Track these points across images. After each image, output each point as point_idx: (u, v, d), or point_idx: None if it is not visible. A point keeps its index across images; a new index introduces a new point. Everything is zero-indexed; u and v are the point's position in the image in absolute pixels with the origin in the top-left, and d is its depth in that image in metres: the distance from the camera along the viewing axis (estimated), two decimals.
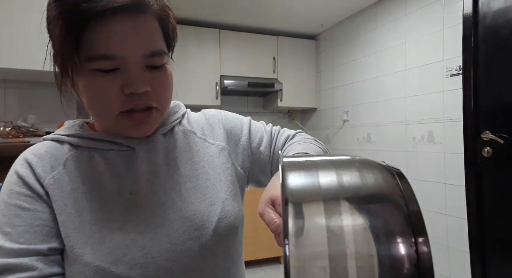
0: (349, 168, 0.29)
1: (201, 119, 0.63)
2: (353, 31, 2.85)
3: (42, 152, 0.51)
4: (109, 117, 0.47)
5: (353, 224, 0.24)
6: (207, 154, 0.57)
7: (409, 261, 0.23)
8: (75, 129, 0.54)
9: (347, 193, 0.26)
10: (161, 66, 0.48)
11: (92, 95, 0.46)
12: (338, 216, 0.24)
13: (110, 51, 0.43)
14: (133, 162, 0.52)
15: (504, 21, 1.69)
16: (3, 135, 1.49)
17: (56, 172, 0.49)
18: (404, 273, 0.22)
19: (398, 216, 0.25)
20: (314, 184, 0.27)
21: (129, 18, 0.43)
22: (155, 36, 0.47)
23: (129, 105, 0.46)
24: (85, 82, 0.45)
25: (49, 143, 0.53)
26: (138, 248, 0.46)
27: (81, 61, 0.44)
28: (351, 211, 0.24)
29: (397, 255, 0.23)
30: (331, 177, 0.27)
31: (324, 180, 0.27)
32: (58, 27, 0.43)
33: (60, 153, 0.51)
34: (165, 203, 0.51)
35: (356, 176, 0.27)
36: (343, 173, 0.28)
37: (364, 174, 0.28)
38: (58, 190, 0.48)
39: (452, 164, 1.98)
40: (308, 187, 0.27)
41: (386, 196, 0.26)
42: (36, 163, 0.49)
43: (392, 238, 0.23)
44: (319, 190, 0.26)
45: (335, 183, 0.27)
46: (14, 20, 1.43)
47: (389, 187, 0.27)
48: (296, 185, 0.27)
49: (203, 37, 2.92)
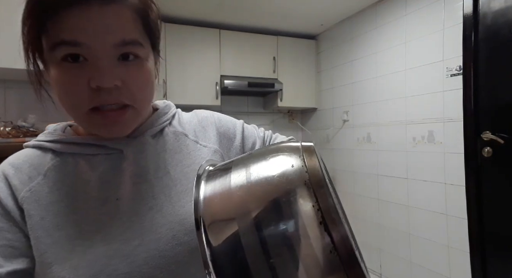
0: (259, 163, 0.28)
1: (193, 120, 0.60)
2: (353, 31, 2.85)
3: (21, 162, 0.48)
4: (80, 114, 0.44)
5: (267, 230, 0.24)
6: (198, 156, 0.55)
7: (325, 243, 0.22)
8: (57, 134, 0.51)
9: (256, 193, 0.26)
10: (136, 59, 0.45)
11: (60, 90, 0.43)
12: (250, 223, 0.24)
13: (73, 37, 0.40)
14: (120, 164, 0.49)
15: (504, 21, 1.69)
16: (3, 135, 1.49)
17: (35, 183, 0.46)
18: (325, 257, 0.22)
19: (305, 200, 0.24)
20: (224, 193, 0.27)
21: (98, 6, 0.41)
22: (128, 25, 0.43)
23: (97, 101, 0.43)
24: (54, 75, 0.43)
25: (30, 151, 0.50)
26: (122, 257, 0.44)
27: (47, 51, 0.42)
28: (263, 213, 0.24)
29: (312, 242, 0.23)
30: (240, 180, 0.27)
31: (234, 185, 0.27)
32: (23, 16, 0.42)
33: (42, 161, 0.48)
34: (154, 207, 0.48)
35: (264, 171, 0.27)
36: (252, 171, 0.28)
37: (272, 167, 0.27)
38: (35, 203, 0.45)
39: (452, 164, 1.98)
40: (219, 196, 0.27)
41: (293, 185, 0.26)
42: (12, 175, 0.46)
43: (303, 225, 0.23)
44: (229, 198, 0.26)
45: (243, 185, 0.27)
46: (14, 20, 1.43)
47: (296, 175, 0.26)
48: (207, 198, 0.27)
49: (203, 37, 2.92)
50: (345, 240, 0.22)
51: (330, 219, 0.23)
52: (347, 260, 0.22)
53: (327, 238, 0.22)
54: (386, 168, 2.49)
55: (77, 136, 0.50)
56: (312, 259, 0.22)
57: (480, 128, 1.79)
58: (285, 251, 0.23)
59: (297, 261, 0.23)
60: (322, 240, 0.22)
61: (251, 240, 0.24)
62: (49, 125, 0.54)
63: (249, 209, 0.25)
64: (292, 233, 0.23)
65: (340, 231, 0.22)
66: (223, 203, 0.26)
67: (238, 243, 0.24)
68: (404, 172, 2.33)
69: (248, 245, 0.24)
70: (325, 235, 0.22)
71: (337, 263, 0.22)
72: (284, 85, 3.14)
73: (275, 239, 0.23)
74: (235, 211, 0.25)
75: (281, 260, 0.23)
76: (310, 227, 0.23)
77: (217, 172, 0.30)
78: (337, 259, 0.22)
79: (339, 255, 0.22)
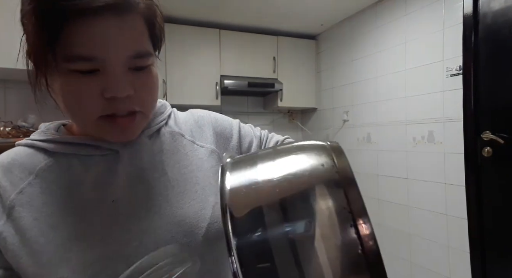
0: (287, 158, 0.28)
1: (189, 120, 0.60)
2: (353, 31, 2.85)
3: (10, 161, 0.47)
4: (88, 121, 0.44)
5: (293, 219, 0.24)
6: (195, 156, 0.55)
7: (353, 245, 0.23)
8: (50, 133, 0.50)
9: (284, 187, 0.26)
10: (146, 67, 0.45)
11: (69, 98, 0.42)
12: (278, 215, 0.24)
13: (89, 53, 0.40)
14: (116, 166, 0.48)
15: (504, 21, 1.69)
16: (3, 135, 1.49)
17: (25, 184, 0.45)
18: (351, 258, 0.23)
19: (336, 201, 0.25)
20: (251, 185, 0.27)
21: (113, 18, 0.40)
22: (140, 36, 0.44)
23: (110, 110, 0.43)
24: (61, 83, 0.42)
25: (22, 149, 0.49)
26: (122, 258, 0.43)
27: (57, 60, 0.40)
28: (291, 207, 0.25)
29: (340, 242, 0.23)
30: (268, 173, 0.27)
31: (262, 178, 0.27)
32: (31, 24, 0.40)
33: (33, 161, 0.47)
34: (151, 209, 0.47)
35: (293, 167, 0.27)
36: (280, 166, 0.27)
37: (301, 163, 0.27)
38: (27, 205, 0.43)
39: (452, 164, 1.98)
40: (245, 189, 0.27)
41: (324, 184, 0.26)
42: (1, 176, 0.45)
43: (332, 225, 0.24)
44: (256, 189, 0.26)
45: (272, 178, 0.26)
46: (14, 20, 1.43)
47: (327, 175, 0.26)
48: (234, 188, 0.27)
49: (203, 37, 2.92)
50: (373, 245, 0.23)
51: (360, 223, 0.23)
52: (373, 264, 0.22)
53: (356, 240, 0.23)
54: (386, 168, 2.49)
55: (71, 136, 0.49)
56: (339, 259, 0.23)
57: (480, 128, 1.79)
58: (311, 247, 0.23)
59: (324, 258, 0.23)
60: (351, 242, 0.23)
61: (277, 232, 0.24)
62: (42, 124, 0.53)
63: (277, 203, 0.25)
64: (321, 232, 0.23)
65: (369, 234, 0.23)
66: (250, 194, 0.26)
67: (264, 234, 0.24)
68: (404, 172, 2.33)
69: (274, 238, 0.24)
70: (355, 237, 0.23)
71: (363, 265, 0.22)
72: (284, 85, 3.14)
73: (302, 235, 0.24)
74: (263, 202, 0.25)
75: (307, 255, 0.23)
76: (339, 228, 0.23)
77: (241, 164, 0.30)
78: (363, 261, 0.22)
79: (366, 258, 0.22)
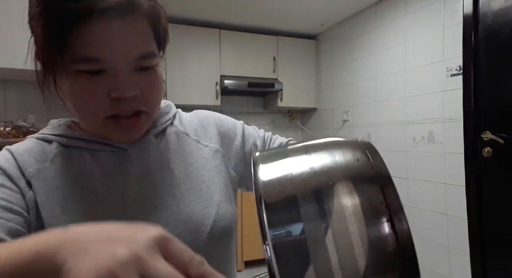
0: (320, 152, 0.28)
1: (193, 120, 0.61)
2: (353, 31, 2.85)
3: (28, 147, 0.48)
4: (95, 121, 0.45)
5: (328, 210, 0.24)
6: (200, 155, 0.56)
7: (389, 241, 0.23)
8: (62, 129, 0.51)
9: (320, 179, 0.26)
10: (151, 68, 0.46)
11: (77, 98, 0.44)
12: (313, 206, 0.24)
13: (95, 54, 0.41)
14: (125, 163, 0.50)
15: (504, 21, 1.69)
16: (3, 135, 1.49)
17: (41, 166, 0.46)
18: (386, 253, 0.23)
19: (372, 195, 0.24)
20: (285, 176, 0.26)
21: (117, 19, 0.41)
22: (145, 37, 0.45)
23: (115, 110, 0.44)
24: (69, 84, 0.43)
25: (35, 141, 0.50)
26: None
27: (64, 62, 0.41)
28: (326, 198, 0.25)
29: (376, 237, 0.23)
30: (302, 165, 0.27)
31: (296, 169, 0.27)
32: (40, 27, 0.41)
33: (46, 150, 0.48)
34: (159, 206, 0.49)
35: (328, 162, 0.27)
36: (314, 159, 0.27)
37: (336, 159, 0.27)
38: (42, 182, 0.45)
39: (452, 164, 1.98)
40: (279, 180, 0.26)
41: (359, 179, 0.26)
42: (20, 155, 0.46)
43: (368, 219, 0.23)
44: (291, 180, 0.26)
45: (306, 170, 0.26)
46: (14, 20, 1.43)
47: (362, 169, 0.26)
48: (267, 180, 0.27)
49: (203, 37, 2.92)
50: (409, 242, 0.22)
51: (397, 218, 0.23)
52: (408, 264, 0.22)
53: (392, 236, 0.23)
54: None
55: (82, 133, 0.51)
56: (372, 253, 0.23)
57: (480, 128, 1.79)
58: (345, 239, 0.23)
59: (359, 251, 0.23)
60: (387, 238, 0.23)
61: (312, 222, 0.24)
62: (52, 120, 0.55)
63: (311, 194, 0.25)
64: (356, 224, 0.23)
65: (405, 231, 0.23)
66: (284, 185, 0.26)
67: (298, 224, 0.24)
68: (404, 172, 2.33)
69: (309, 229, 0.24)
70: (392, 234, 0.23)
71: (397, 261, 0.22)
72: (284, 85, 3.14)
73: (336, 226, 0.23)
74: (297, 192, 0.25)
75: (341, 246, 0.23)
76: (375, 222, 0.23)
77: (273, 157, 0.30)
78: (398, 261, 0.22)
79: (401, 257, 0.22)
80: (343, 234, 0.23)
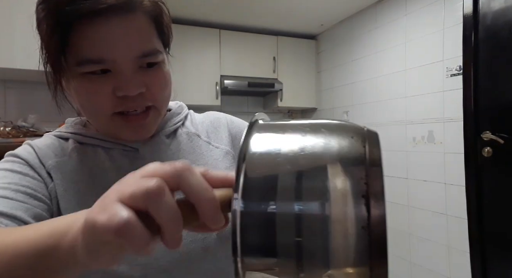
0: (318, 129, 0.28)
1: (205, 121, 0.62)
2: (353, 31, 2.85)
3: (47, 142, 0.50)
4: (103, 119, 0.46)
5: (305, 179, 0.23)
6: (211, 157, 0.56)
7: (359, 222, 0.22)
8: (78, 127, 0.53)
9: (305, 150, 0.25)
10: (155, 65, 0.46)
11: (84, 98, 0.45)
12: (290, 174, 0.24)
13: (97, 55, 0.42)
14: (137, 162, 0.50)
15: (504, 21, 1.69)
16: (3, 135, 1.49)
17: (60, 159, 0.48)
18: (354, 233, 0.22)
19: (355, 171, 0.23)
20: (275, 145, 0.26)
21: (117, 19, 0.41)
22: (147, 35, 0.45)
23: (122, 107, 0.45)
24: (76, 85, 0.44)
25: (53, 137, 0.52)
26: None
27: (70, 65, 0.43)
28: (306, 166, 0.24)
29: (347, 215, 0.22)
30: (294, 138, 0.26)
31: (287, 141, 0.26)
32: (43, 31, 0.42)
33: (64, 146, 0.50)
34: None
35: (321, 135, 0.26)
36: (309, 133, 0.27)
37: (331, 133, 0.27)
38: (61, 174, 0.46)
39: (452, 164, 1.98)
40: (268, 147, 0.26)
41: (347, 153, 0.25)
42: (39, 149, 0.48)
43: (344, 196, 0.23)
44: (278, 150, 0.26)
45: (296, 143, 0.26)
46: (14, 20, 1.43)
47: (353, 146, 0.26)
48: (257, 144, 0.26)
49: (203, 37, 2.92)
50: (381, 220, 0.21)
51: (373, 196, 0.22)
52: (376, 241, 0.21)
53: (364, 212, 0.22)
54: (386, 168, 2.49)
55: (96, 132, 0.52)
56: (342, 231, 0.22)
57: (480, 128, 1.79)
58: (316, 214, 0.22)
59: (327, 230, 0.22)
60: (358, 213, 0.22)
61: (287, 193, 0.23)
62: (68, 119, 0.56)
63: (293, 167, 0.24)
64: (331, 201, 0.22)
65: (380, 210, 0.22)
66: (270, 156, 0.26)
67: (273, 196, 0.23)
68: (404, 172, 2.33)
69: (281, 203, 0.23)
70: (363, 208, 0.22)
71: (365, 240, 0.21)
72: (284, 85, 3.14)
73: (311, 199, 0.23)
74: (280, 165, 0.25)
75: (310, 222, 0.22)
76: (350, 198, 0.22)
77: (269, 128, 0.30)
78: (366, 236, 0.21)
79: (369, 234, 0.21)
80: (313, 206, 0.23)
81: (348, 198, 0.22)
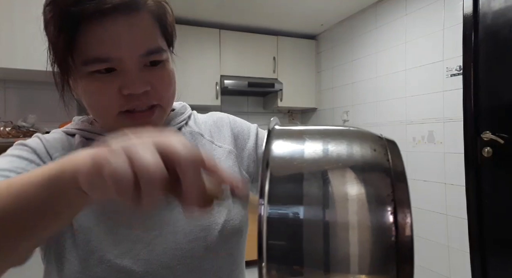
0: (338, 138, 0.28)
1: (208, 121, 0.63)
2: (353, 31, 2.85)
3: (55, 137, 0.52)
4: (110, 118, 0.47)
5: (331, 192, 0.24)
6: (214, 156, 0.57)
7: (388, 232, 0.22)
8: (84, 124, 0.54)
9: (330, 161, 0.25)
10: (160, 63, 0.47)
11: (91, 97, 0.46)
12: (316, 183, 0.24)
13: (104, 54, 0.43)
14: None
15: (504, 21, 1.69)
16: (3, 135, 1.49)
17: (66, 152, 0.49)
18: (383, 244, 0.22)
19: (381, 187, 0.24)
20: (297, 152, 0.26)
21: (122, 18, 0.43)
22: (151, 34, 0.46)
23: (128, 105, 0.46)
24: (83, 85, 0.45)
25: (61, 132, 0.54)
26: (143, 244, 0.46)
27: (76, 64, 0.43)
28: (332, 181, 0.24)
29: (376, 227, 0.23)
30: (316, 147, 0.27)
31: (309, 150, 0.26)
32: (51, 32, 0.43)
33: (71, 142, 0.52)
34: (172, 202, 0.50)
35: (343, 147, 0.27)
36: (330, 143, 0.27)
37: (352, 145, 0.27)
38: None
39: (452, 164, 1.98)
40: (291, 154, 0.26)
41: (372, 167, 0.25)
42: (47, 141, 0.50)
43: (371, 209, 0.23)
44: (301, 158, 0.26)
45: (319, 152, 0.26)
46: (14, 20, 1.43)
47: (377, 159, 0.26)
48: (280, 151, 0.27)
49: (203, 37, 2.92)
50: (408, 231, 0.22)
51: (401, 212, 0.22)
52: (403, 259, 0.22)
53: (393, 229, 0.22)
54: None
55: (101, 129, 0.53)
56: (369, 243, 0.22)
57: (480, 128, 1.79)
58: (343, 224, 0.23)
59: (355, 239, 0.22)
60: (387, 230, 0.22)
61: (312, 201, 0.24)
62: (75, 117, 0.58)
63: (319, 174, 0.24)
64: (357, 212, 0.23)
65: (406, 220, 0.22)
66: (293, 161, 0.26)
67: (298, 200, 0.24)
68: None
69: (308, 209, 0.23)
70: (392, 226, 0.22)
71: (391, 257, 0.22)
72: (284, 85, 3.14)
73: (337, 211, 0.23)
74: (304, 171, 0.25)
75: (337, 231, 0.23)
76: (378, 208, 0.23)
77: (288, 134, 0.30)
78: (394, 254, 0.22)
79: (398, 252, 0.22)
80: (342, 218, 0.23)
81: (375, 208, 0.23)
